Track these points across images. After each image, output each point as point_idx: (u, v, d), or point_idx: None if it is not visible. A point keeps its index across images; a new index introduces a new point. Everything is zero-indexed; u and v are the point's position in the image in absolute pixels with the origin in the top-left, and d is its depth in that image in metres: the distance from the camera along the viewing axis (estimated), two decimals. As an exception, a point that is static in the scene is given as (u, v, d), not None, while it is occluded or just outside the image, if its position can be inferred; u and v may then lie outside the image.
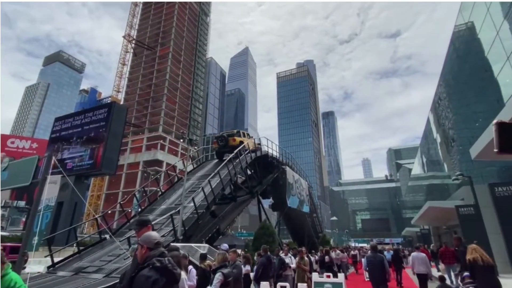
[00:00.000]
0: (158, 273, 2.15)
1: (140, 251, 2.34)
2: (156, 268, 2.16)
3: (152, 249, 2.32)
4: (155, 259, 2.22)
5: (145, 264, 2.21)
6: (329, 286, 6.15)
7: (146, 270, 2.15)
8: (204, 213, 11.68)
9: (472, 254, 5.44)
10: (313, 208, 29.09)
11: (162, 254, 2.30)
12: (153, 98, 69.58)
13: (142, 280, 2.10)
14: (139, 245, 2.38)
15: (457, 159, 24.61)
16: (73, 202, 23.02)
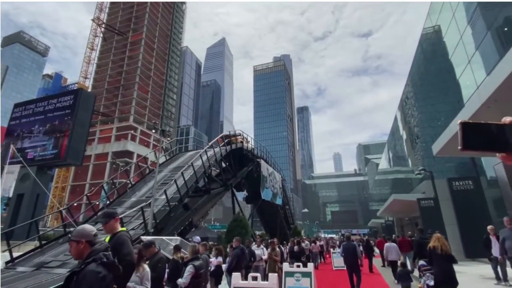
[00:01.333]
0: (106, 269, 2.09)
1: (78, 247, 2.20)
2: (104, 263, 2.09)
3: (92, 242, 2.22)
4: (102, 253, 2.14)
5: (90, 259, 2.10)
6: (299, 275, 6.37)
7: (94, 266, 2.05)
8: (177, 205, 11.51)
9: (434, 242, 5.88)
10: (286, 200, 29.69)
11: (107, 249, 2.24)
12: (124, 86, 66.61)
13: (91, 276, 2.00)
14: (73, 241, 2.22)
15: (420, 155, 26.19)
16: (34, 194, 21.64)
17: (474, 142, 0.62)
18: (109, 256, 2.14)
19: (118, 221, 3.47)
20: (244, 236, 13.57)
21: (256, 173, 21.44)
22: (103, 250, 2.16)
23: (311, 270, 6.37)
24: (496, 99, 5.34)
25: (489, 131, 0.62)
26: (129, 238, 3.33)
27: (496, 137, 0.61)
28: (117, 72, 68.18)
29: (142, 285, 3.55)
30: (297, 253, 10.79)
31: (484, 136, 0.62)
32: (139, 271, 3.63)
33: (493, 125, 0.62)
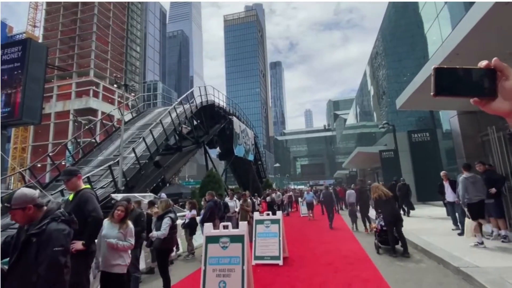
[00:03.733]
0: (67, 225, 2.12)
1: (25, 213, 2.10)
2: (64, 220, 2.12)
3: (39, 204, 2.16)
4: (59, 211, 2.15)
5: (48, 219, 2.07)
6: (268, 222, 6.83)
7: (55, 224, 2.05)
8: (147, 163, 11.39)
9: (376, 192, 6.56)
10: (258, 156, 30.47)
11: (61, 206, 2.26)
12: (80, 37, 60.15)
13: (56, 233, 2.00)
14: (18, 209, 2.11)
15: (385, 110, 27.42)
16: (-10, 156, 20.18)
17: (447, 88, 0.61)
18: (64, 213, 2.16)
19: (80, 179, 3.38)
20: (217, 190, 13.98)
21: (228, 130, 21.44)
22: (58, 208, 2.17)
23: (280, 217, 6.83)
24: (458, 52, 5.54)
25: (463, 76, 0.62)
26: (93, 195, 3.29)
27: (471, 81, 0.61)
28: (71, 20, 60.82)
29: (125, 241, 3.59)
30: (269, 202, 11.51)
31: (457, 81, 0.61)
32: (123, 227, 3.66)
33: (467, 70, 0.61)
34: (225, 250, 4.31)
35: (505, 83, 0.59)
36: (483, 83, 0.60)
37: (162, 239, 4.50)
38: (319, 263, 6.23)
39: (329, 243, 8.32)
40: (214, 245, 4.37)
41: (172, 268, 6.38)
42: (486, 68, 0.61)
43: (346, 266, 5.82)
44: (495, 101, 0.60)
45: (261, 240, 6.63)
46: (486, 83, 0.59)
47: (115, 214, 3.72)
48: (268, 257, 6.36)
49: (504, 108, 0.57)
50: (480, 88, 0.60)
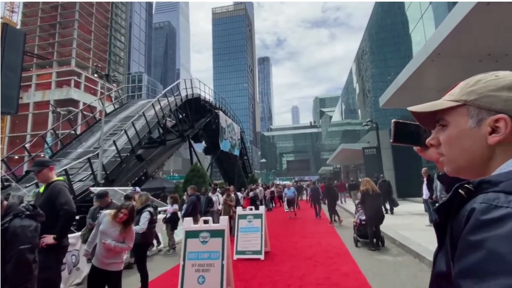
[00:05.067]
0: (32, 220, 2.06)
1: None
2: (29, 215, 2.05)
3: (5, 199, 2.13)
4: (22, 206, 2.07)
5: (10, 215, 2.00)
6: (251, 217, 6.82)
7: (19, 221, 1.98)
8: (129, 156, 11.12)
9: (366, 185, 6.65)
10: (244, 151, 30.42)
11: (23, 200, 2.18)
12: (61, 24, 57.80)
13: (21, 231, 1.95)
14: None
15: (369, 108, 27.90)
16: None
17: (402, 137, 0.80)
18: (28, 207, 2.08)
19: (53, 170, 3.24)
20: (202, 185, 13.87)
21: (214, 125, 21.26)
22: (20, 203, 2.08)
23: (262, 212, 6.84)
24: (440, 52, 5.65)
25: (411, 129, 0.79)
26: (66, 187, 3.15)
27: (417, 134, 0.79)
28: (51, 7, 58.26)
29: (124, 244, 3.36)
30: (252, 197, 11.49)
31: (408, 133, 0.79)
32: (125, 231, 3.39)
33: (414, 125, 0.79)
34: (205, 245, 4.26)
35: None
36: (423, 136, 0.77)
37: (140, 234, 4.40)
38: (300, 257, 6.29)
39: (310, 237, 8.41)
40: (193, 240, 4.32)
41: (152, 263, 6.29)
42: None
43: (326, 260, 5.90)
44: (428, 150, 0.75)
45: (243, 235, 6.62)
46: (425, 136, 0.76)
47: (117, 217, 3.42)
48: (250, 252, 6.36)
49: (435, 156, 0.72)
50: (421, 139, 0.77)
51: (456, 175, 0.64)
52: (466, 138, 0.59)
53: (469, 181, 0.51)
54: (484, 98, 0.57)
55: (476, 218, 0.45)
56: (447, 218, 0.53)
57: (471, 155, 0.59)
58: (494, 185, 0.47)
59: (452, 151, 0.62)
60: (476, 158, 0.58)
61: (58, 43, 57.27)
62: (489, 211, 0.44)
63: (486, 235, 0.42)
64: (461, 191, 0.50)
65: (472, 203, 0.47)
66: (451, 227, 0.51)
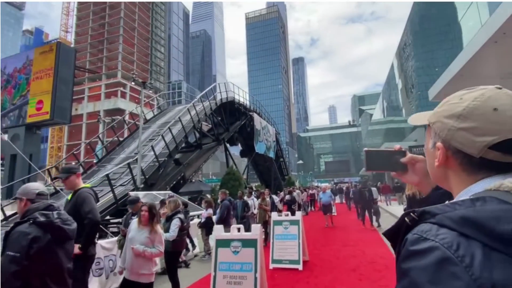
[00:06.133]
0: (40, 230, 1.82)
1: (20, 205, 2.05)
2: (39, 223, 1.83)
3: (33, 201, 2.00)
4: (38, 212, 1.88)
5: (24, 218, 1.87)
6: (287, 223, 6.42)
7: (25, 226, 1.82)
8: (166, 161, 11.37)
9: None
10: (280, 153, 30.00)
11: (49, 207, 1.97)
12: (108, 40, 62.56)
13: (16, 237, 1.76)
14: (17, 199, 2.08)
15: (415, 104, 25.83)
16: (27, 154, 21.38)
17: (375, 165, 0.82)
18: (50, 216, 1.88)
19: (79, 177, 3.19)
20: (237, 188, 13.76)
21: (249, 127, 21.19)
22: (42, 209, 1.90)
23: (299, 218, 6.40)
24: (506, 31, 4.79)
25: (384, 156, 0.82)
26: (92, 195, 3.07)
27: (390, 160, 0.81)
28: (99, 25, 63.44)
29: (153, 248, 3.23)
30: (289, 201, 11.02)
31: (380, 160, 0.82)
32: (151, 232, 3.28)
33: (386, 152, 0.82)
34: (237, 255, 3.97)
35: (416, 165, 0.82)
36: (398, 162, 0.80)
37: (171, 241, 4.26)
38: (343, 268, 5.75)
39: (353, 245, 7.75)
40: (224, 249, 4.06)
41: (185, 270, 6.20)
42: (399, 150, 0.82)
43: (372, 274, 5.29)
44: (407, 174, 0.82)
45: (279, 242, 6.24)
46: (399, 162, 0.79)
47: (141, 216, 3.38)
48: (287, 261, 5.96)
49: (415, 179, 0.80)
50: (397, 165, 0.80)
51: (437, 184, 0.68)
52: (428, 156, 0.65)
53: (414, 210, 0.53)
54: (438, 123, 0.59)
55: (406, 248, 0.48)
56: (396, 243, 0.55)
57: (432, 172, 0.65)
58: (432, 216, 0.50)
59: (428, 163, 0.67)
60: (436, 176, 0.64)
61: (106, 57, 62.03)
62: (418, 242, 0.47)
63: (411, 265, 0.46)
64: (407, 219, 0.53)
65: (410, 233, 0.51)
66: (398, 251, 0.53)
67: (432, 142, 0.61)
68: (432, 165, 0.62)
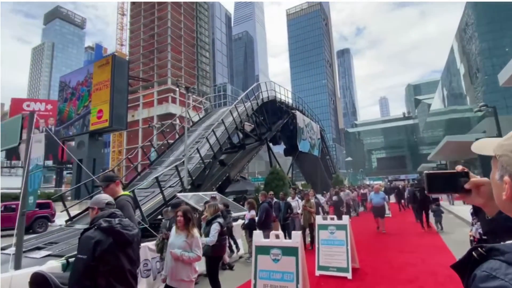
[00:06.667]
0: (103, 234, 2.04)
1: (91, 213, 2.33)
2: (102, 228, 2.05)
3: (103, 209, 2.25)
4: (102, 219, 2.10)
5: (92, 225, 2.12)
6: (333, 228, 6.00)
7: (91, 231, 2.06)
8: (211, 162, 11.62)
9: None
10: (326, 150, 28.95)
11: (112, 215, 2.18)
12: (158, 49, 66.93)
13: (84, 241, 2.03)
14: (90, 208, 2.37)
15: (481, 90, 22.81)
16: (91, 159, 23.90)
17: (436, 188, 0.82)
18: (112, 222, 2.09)
19: (119, 185, 3.26)
20: (281, 188, 13.53)
21: (292, 125, 20.79)
22: (106, 216, 2.13)
23: (347, 223, 5.93)
24: None
25: (446, 178, 0.80)
26: (130, 203, 3.12)
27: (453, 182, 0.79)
28: (149, 36, 68.24)
29: (191, 252, 3.25)
30: (336, 202, 10.41)
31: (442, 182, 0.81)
32: (188, 236, 3.32)
33: (448, 174, 0.80)
34: (277, 263, 3.76)
35: (480, 188, 0.79)
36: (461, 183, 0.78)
37: (211, 246, 4.22)
38: (399, 279, 5.17)
39: (411, 252, 6.98)
40: (264, 256, 3.88)
41: (228, 273, 6.18)
42: (462, 171, 0.80)
43: (435, 287, 4.65)
44: (471, 196, 0.79)
45: (325, 248, 5.86)
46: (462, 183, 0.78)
47: (177, 221, 3.44)
48: (334, 269, 5.57)
49: (479, 202, 0.78)
50: (459, 187, 0.78)
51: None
52: (495, 187, 0.66)
53: (482, 245, 0.55)
54: (505, 157, 0.60)
55: (476, 285, 0.51)
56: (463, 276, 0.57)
57: (500, 203, 0.65)
58: (501, 254, 0.52)
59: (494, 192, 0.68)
60: (503, 207, 0.65)
61: (157, 66, 66.47)
62: (487, 280, 0.49)
63: None
64: (475, 254, 0.55)
65: (479, 269, 0.53)
66: (466, 285, 0.56)
67: (499, 175, 0.61)
68: (500, 197, 0.63)
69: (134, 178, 12.86)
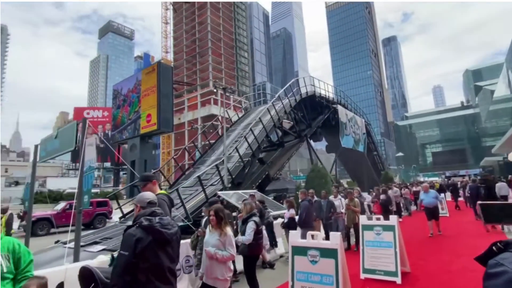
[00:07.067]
0: (144, 232, 2.08)
1: (135, 211, 2.42)
2: (143, 226, 2.09)
3: (145, 208, 2.31)
4: (144, 217, 2.15)
5: (134, 222, 2.18)
6: (379, 228, 5.57)
7: (133, 229, 2.11)
8: (250, 161, 11.68)
9: None
10: (373, 146, 27.37)
11: (153, 213, 2.21)
12: (200, 54, 69.62)
13: (126, 238, 2.09)
14: (135, 205, 2.46)
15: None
16: (142, 160, 25.76)
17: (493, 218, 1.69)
18: (152, 220, 2.14)
19: (156, 184, 3.37)
20: (324, 186, 13.11)
21: (333, 121, 20.02)
22: (147, 215, 2.18)
23: (395, 223, 5.46)
24: None
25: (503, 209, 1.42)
26: (166, 202, 3.20)
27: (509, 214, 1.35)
28: (191, 41, 71.29)
29: (225, 251, 3.25)
30: (384, 201, 9.71)
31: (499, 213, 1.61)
32: (221, 235, 3.33)
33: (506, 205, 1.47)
34: (315, 265, 3.59)
35: None
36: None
37: (247, 245, 4.18)
38: (455, 286, 4.61)
39: (471, 255, 6.14)
40: (301, 257, 3.72)
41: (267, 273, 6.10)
42: None
43: (502, 298, 4.04)
44: None
45: (371, 250, 5.47)
46: None
47: (210, 220, 3.49)
48: (382, 272, 5.17)
49: None
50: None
51: None
52: None
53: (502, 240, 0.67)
54: None
55: (486, 271, 0.65)
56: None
57: None
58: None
59: None
60: None
61: (199, 70, 69.19)
62: (495, 267, 0.62)
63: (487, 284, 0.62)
64: (494, 248, 0.67)
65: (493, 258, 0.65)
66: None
67: None
68: None
69: (179, 177, 13.50)
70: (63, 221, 13.27)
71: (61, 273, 3.48)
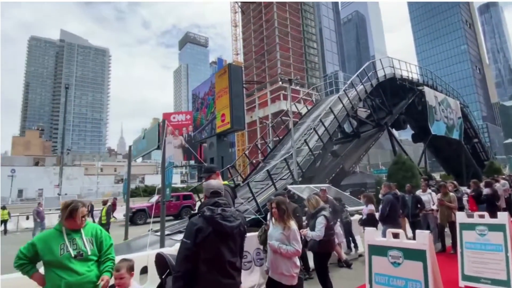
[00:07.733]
0: (205, 222, 2.08)
1: (203, 199, 2.47)
2: (204, 216, 2.10)
3: (209, 197, 2.30)
4: (207, 207, 2.15)
5: (198, 211, 2.21)
6: (484, 228, 4.53)
7: (195, 218, 2.14)
8: (321, 153, 11.14)
9: None
10: (472, 132, 23.17)
11: (215, 203, 2.20)
12: (268, 51, 70.49)
13: (189, 226, 2.11)
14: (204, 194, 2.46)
15: None
16: (220, 157, 27.48)
17: None
18: (214, 211, 2.14)
19: (219, 176, 3.40)
20: (410, 180, 11.63)
21: (420, 105, 17.64)
22: (210, 204, 2.19)
23: (505, 222, 4.36)
24: None
25: None
26: (228, 192, 3.19)
27: None
28: (259, 40, 72.72)
29: (289, 246, 3.09)
30: (488, 196, 7.95)
31: None
32: (285, 228, 3.18)
33: None
34: (397, 267, 3.09)
35: None
36: None
37: (317, 242, 3.89)
38: None
39: None
40: (380, 258, 3.26)
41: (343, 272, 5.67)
42: None
43: None
44: None
45: (473, 253, 4.51)
46: None
47: (273, 213, 3.36)
48: (488, 281, 4.22)
49: None
50: None
51: None
52: None
53: None
54: None
55: None
56: None
57: None
58: None
59: None
60: None
61: (268, 67, 70.14)
62: None
63: None
64: None
65: None
66: None
67: None
68: None
69: (251, 171, 13.85)
70: (156, 212, 15.13)
71: (144, 258, 3.84)
